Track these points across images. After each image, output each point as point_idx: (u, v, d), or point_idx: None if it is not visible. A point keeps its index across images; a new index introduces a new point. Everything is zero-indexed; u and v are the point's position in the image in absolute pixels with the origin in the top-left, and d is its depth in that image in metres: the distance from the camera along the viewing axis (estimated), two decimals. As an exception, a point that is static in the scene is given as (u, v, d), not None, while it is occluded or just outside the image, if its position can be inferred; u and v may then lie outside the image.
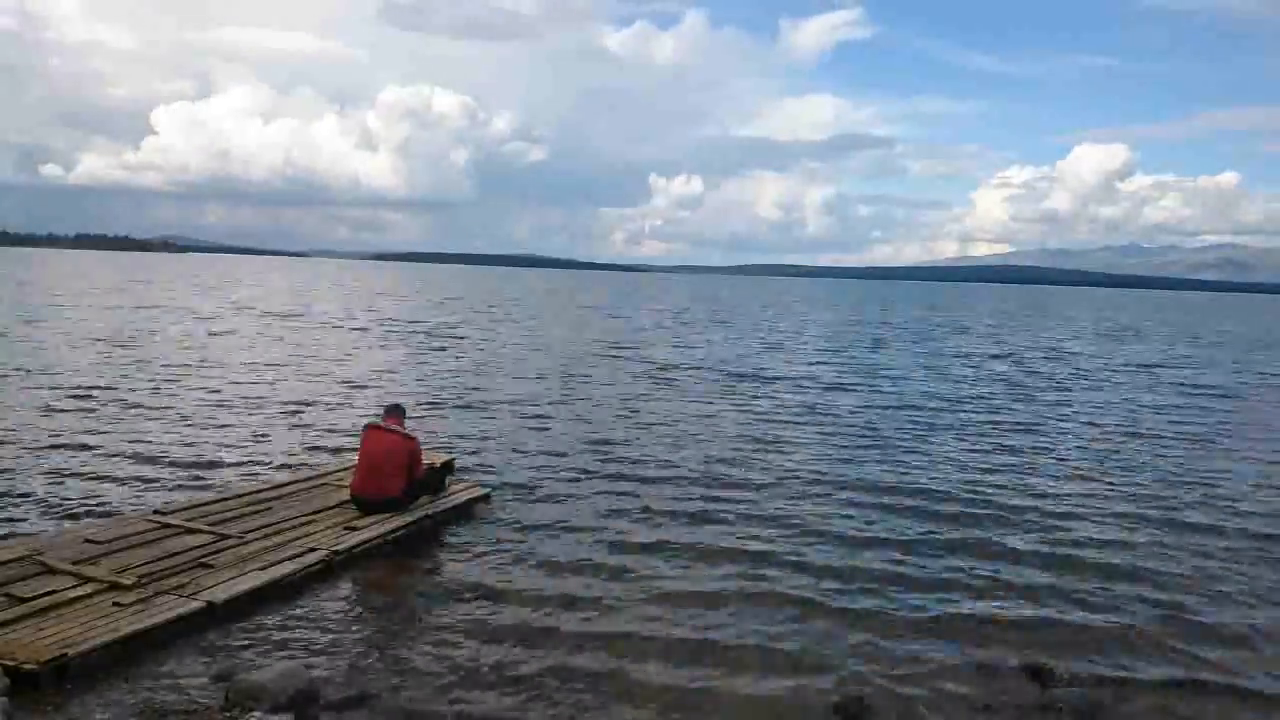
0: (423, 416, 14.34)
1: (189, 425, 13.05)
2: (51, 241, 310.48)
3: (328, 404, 15.58)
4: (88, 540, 7.11)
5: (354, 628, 6.30)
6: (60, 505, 8.83)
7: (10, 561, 6.54)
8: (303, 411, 14.68)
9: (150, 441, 11.84)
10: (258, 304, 44.99)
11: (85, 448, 11.29)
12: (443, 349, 26.34)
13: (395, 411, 8.95)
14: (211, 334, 27.71)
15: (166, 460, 10.92)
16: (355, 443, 9.09)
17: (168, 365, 19.53)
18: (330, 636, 6.09)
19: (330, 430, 13.23)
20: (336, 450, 11.67)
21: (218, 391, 16.27)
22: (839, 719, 5.32)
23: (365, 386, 17.88)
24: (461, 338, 30.59)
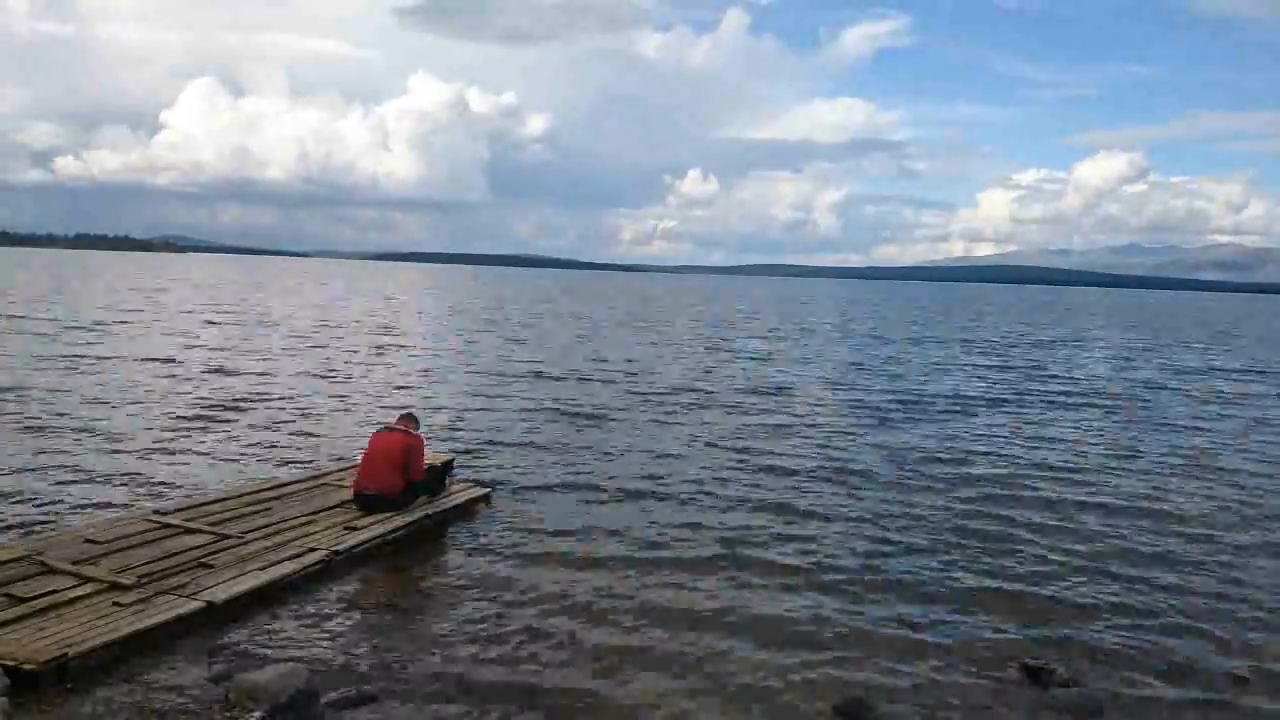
0: (424, 417, 14.31)
1: (190, 425, 13.04)
2: (50, 241, 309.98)
3: (329, 404, 15.58)
4: (88, 540, 7.11)
5: (354, 628, 6.30)
6: (60, 505, 8.83)
7: (10, 561, 6.54)
8: (303, 411, 14.67)
9: (151, 441, 11.84)
10: (261, 305, 44.99)
11: (86, 448, 11.29)
12: (445, 351, 26.35)
13: (407, 418, 9.03)
14: (209, 333, 27.70)
15: (166, 460, 10.92)
16: (356, 443, 9.09)
17: (168, 365, 19.53)
18: (330, 636, 6.09)
19: (331, 431, 13.22)
20: (337, 451, 11.66)
21: (218, 391, 16.27)
22: (839, 718, 5.32)
23: (367, 387, 17.88)
24: (469, 340, 30.58)
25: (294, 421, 13.76)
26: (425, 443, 9.06)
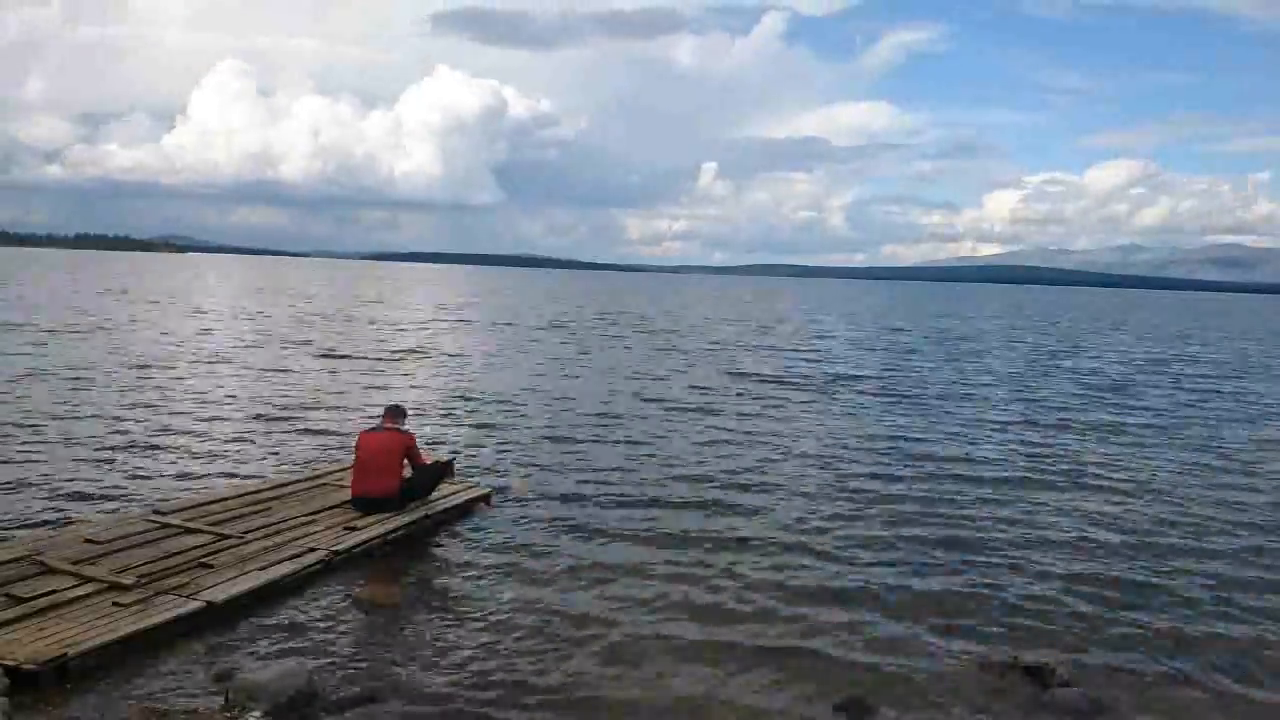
0: (424, 417, 14.34)
1: (189, 425, 13.05)
2: (50, 241, 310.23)
3: (329, 404, 15.58)
4: (88, 540, 7.11)
5: (354, 628, 6.30)
6: (60, 505, 8.83)
7: (10, 561, 6.54)
8: (303, 412, 14.67)
9: (150, 441, 11.84)
10: (259, 305, 45.01)
11: (85, 448, 11.29)
12: (445, 351, 26.36)
13: (394, 412, 8.93)
14: (209, 334, 27.71)
15: (166, 460, 10.93)
16: (355, 443, 9.05)
17: (167, 364, 19.54)
18: (330, 636, 6.09)
19: (331, 430, 13.22)
20: (337, 450, 11.66)
21: (218, 390, 16.28)
22: (839, 718, 5.32)
23: (367, 387, 17.87)
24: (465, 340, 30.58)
25: (294, 421, 13.76)
26: (425, 443, 9.02)
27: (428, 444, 11.07)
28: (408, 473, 8.59)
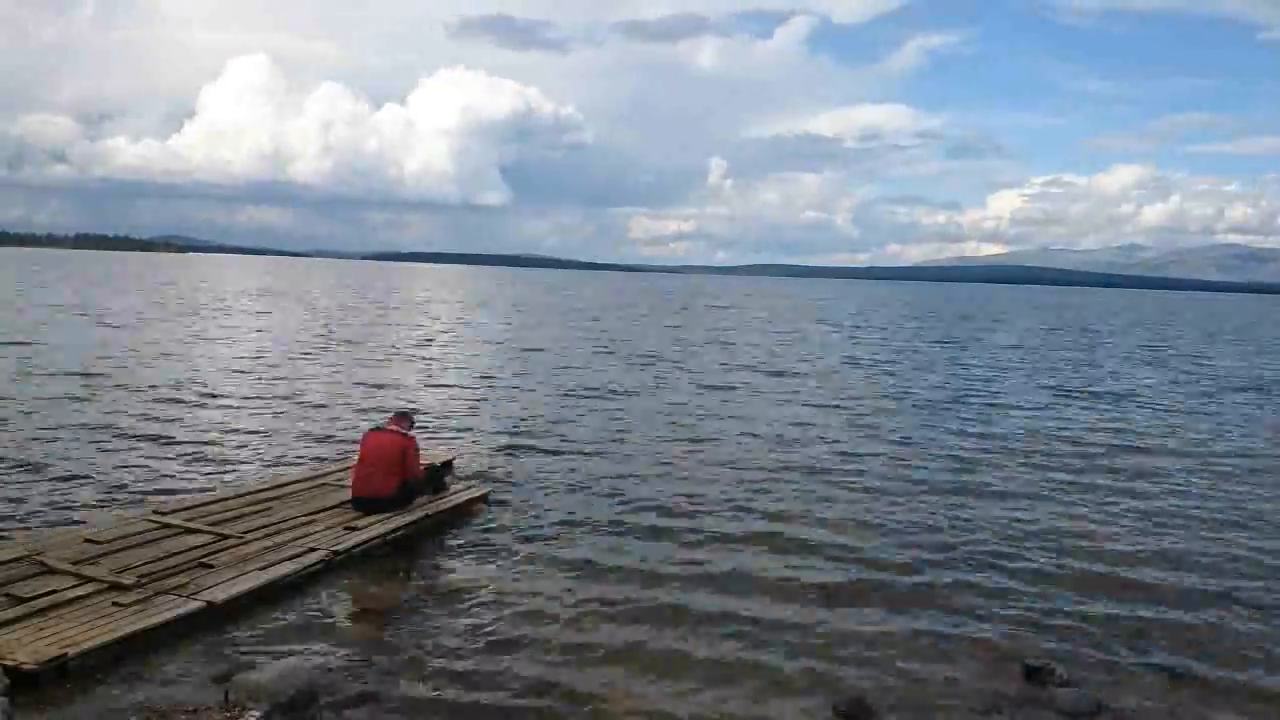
0: (424, 417, 14.33)
1: (190, 425, 13.05)
2: (51, 241, 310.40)
3: (328, 403, 15.57)
4: (88, 540, 7.11)
5: (354, 628, 6.30)
6: (60, 505, 8.83)
7: (10, 561, 6.54)
8: (303, 411, 14.68)
9: (151, 441, 11.84)
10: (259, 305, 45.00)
11: (86, 448, 11.29)
12: (444, 351, 26.37)
13: (400, 417, 8.99)
14: (209, 334, 27.71)
15: (167, 460, 10.93)
16: (354, 442, 9.06)
17: (166, 365, 19.54)
18: (330, 636, 6.09)
19: (331, 430, 13.22)
20: (337, 450, 11.66)
21: (218, 390, 16.27)
22: (839, 719, 5.32)
23: (368, 385, 17.86)
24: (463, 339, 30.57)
25: (294, 421, 13.76)
26: (424, 442, 9.01)
27: (432, 442, 11.07)
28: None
